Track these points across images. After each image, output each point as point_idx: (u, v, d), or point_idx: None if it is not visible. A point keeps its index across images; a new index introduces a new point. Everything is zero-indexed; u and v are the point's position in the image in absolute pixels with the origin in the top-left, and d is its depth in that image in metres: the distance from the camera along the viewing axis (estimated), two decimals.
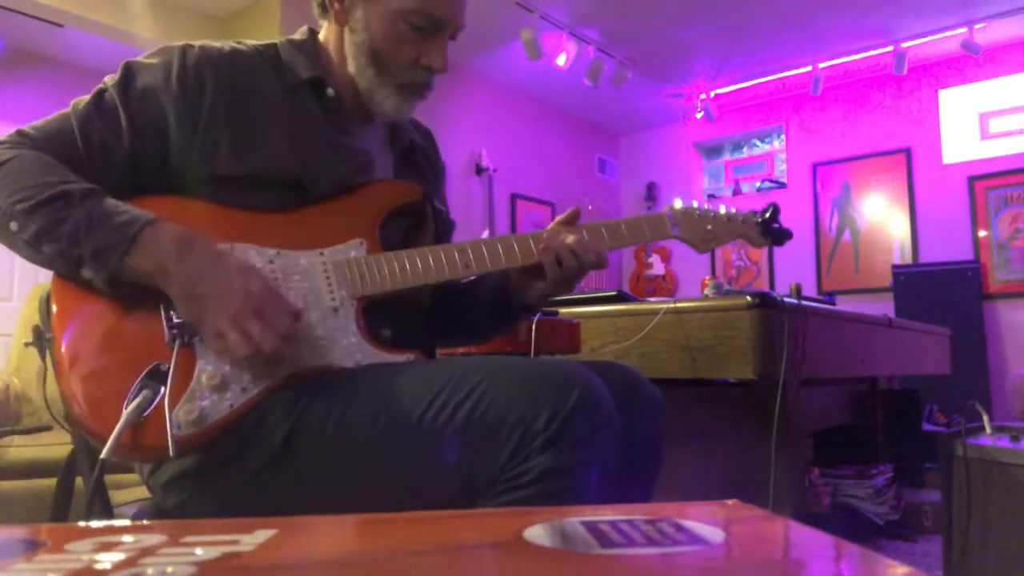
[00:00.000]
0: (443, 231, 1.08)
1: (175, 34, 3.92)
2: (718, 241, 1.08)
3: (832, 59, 4.83)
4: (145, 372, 0.78)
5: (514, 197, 5.22)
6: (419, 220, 1.03)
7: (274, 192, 0.90)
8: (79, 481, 1.39)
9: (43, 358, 0.83)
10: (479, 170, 4.94)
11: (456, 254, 0.93)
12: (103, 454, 0.74)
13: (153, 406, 0.76)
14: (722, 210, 1.10)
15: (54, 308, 0.81)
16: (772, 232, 1.10)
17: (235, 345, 0.78)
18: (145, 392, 0.76)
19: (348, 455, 0.79)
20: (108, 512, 0.91)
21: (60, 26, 3.73)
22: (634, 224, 1.04)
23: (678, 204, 1.07)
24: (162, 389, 0.77)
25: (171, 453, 0.76)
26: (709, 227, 1.08)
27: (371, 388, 0.81)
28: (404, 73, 0.97)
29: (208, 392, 0.79)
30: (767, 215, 1.10)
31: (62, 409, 0.80)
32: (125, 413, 0.75)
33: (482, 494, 0.74)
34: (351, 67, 0.99)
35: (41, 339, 0.83)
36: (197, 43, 0.94)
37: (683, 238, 1.06)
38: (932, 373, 2.76)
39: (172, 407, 0.77)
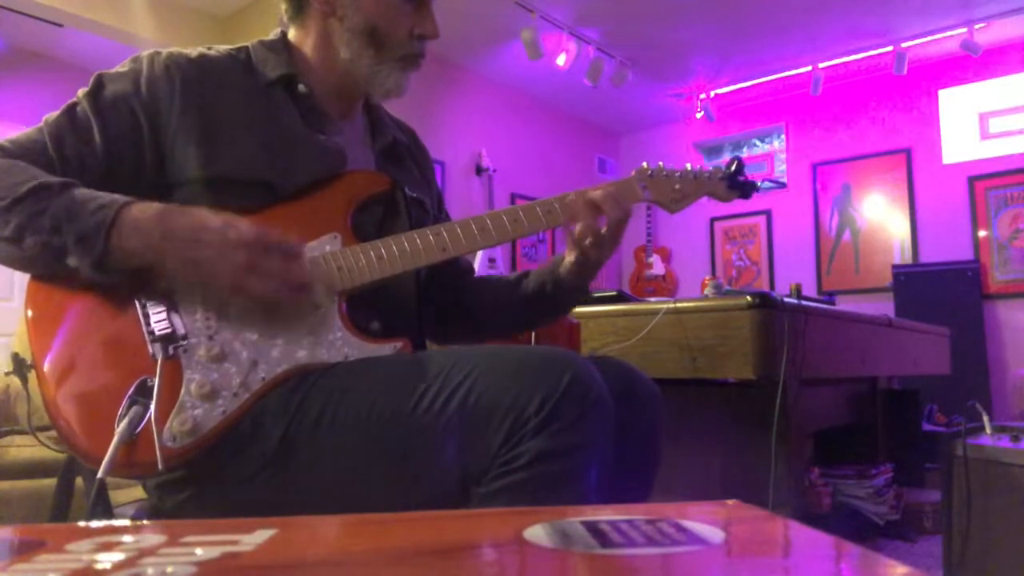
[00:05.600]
0: (420, 218, 1.07)
1: (175, 34, 3.92)
2: (687, 200, 1.08)
3: (832, 59, 4.82)
4: (132, 388, 0.77)
5: (514, 197, 5.23)
6: (391, 209, 1.03)
7: (244, 193, 0.90)
8: (79, 481, 1.39)
9: (24, 386, 0.83)
10: (479, 170, 4.94)
11: (432, 238, 0.93)
12: (100, 474, 0.74)
13: (145, 422, 0.76)
14: (688, 167, 1.09)
15: (31, 331, 0.81)
16: (738, 185, 1.10)
17: (262, 289, 0.79)
18: (135, 408, 0.76)
19: (344, 451, 0.79)
20: (108, 512, 0.91)
21: (60, 26, 3.73)
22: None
23: (645, 166, 1.07)
24: (151, 404, 0.77)
25: (160, 467, 0.75)
26: (677, 187, 1.07)
27: (363, 383, 0.81)
28: (402, 46, 0.99)
29: (199, 401, 0.78)
30: (732, 169, 1.10)
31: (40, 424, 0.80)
32: (118, 432, 0.74)
33: (477, 481, 0.74)
34: (345, 55, 0.99)
35: (21, 367, 0.83)
36: (165, 51, 0.95)
37: (653, 200, 1.06)
38: (932, 373, 2.76)
39: (163, 420, 0.76)
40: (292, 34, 1.04)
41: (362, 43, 0.98)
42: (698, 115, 5.51)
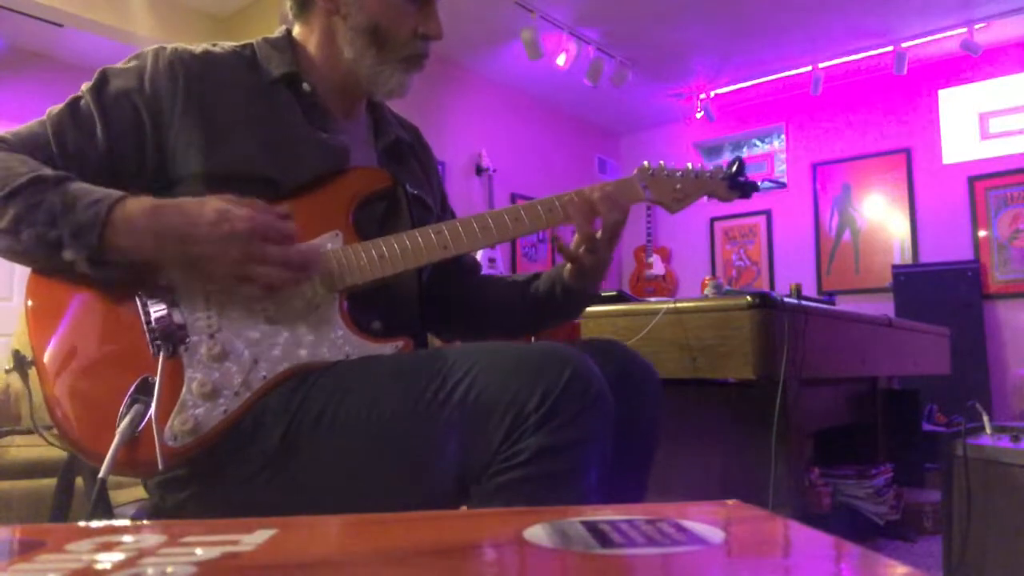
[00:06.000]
0: (422, 216, 1.06)
1: (175, 34, 3.92)
2: (688, 200, 1.07)
3: (832, 59, 4.82)
4: (134, 387, 0.77)
5: (514, 197, 5.22)
6: (393, 207, 1.02)
7: (245, 190, 0.89)
8: (79, 481, 1.39)
9: (25, 383, 0.83)
10: (479, 170, 4.94)
11: (433, 236, 0.93)
12: (102, 473, 0.74)
13: (146, 420, 0.76)
14: (689, 167, 1.09)
15: (31, 325, 0.81)
16: (739, 185, 1.09)
17: (262, 276, 0.80)
18: (137, 407, 0.76)
19: (345, 449, 0.79)
20: (108, 512, 0.91)
21: (60, 26, 3.73)
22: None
23: (646, 165, 1.06)
24: (152, 403, 0.77)
25: (160, 467, 0.75)
26: (678, 186, 1.06)
27: (364, 381, 0.81)
28: (405, 47, 0.99)
29: (200, 400, 0.78)
30: (733, 169, 1.09)
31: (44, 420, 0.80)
32: (119, 431, 0.74)
33: (477, 478, 0.74)
34: (348, 54, 0.99)
35: (22, 364, 0.83)
36: (170, 46, 0.95)
37: (654, 200, 1.06)
38: (932, 373, 2.76)
39: (164, 419, 0.76)
40: (297, 31, 1.04)
41: (365, 42, 0.98)
42: (698, 115, 5.51)
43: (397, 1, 0.97)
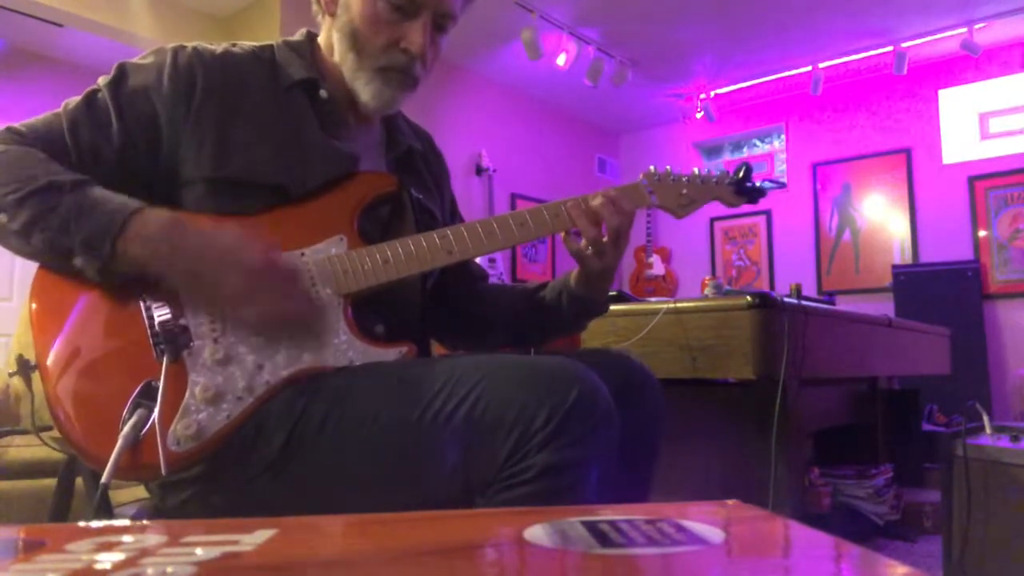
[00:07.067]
0: (427, 224, 1.04)
1: (175, 34, 3.92)
2: (694, 205, 1.07)
3: (832, 59, 4.82)
4: (137, 391, 0.77)
5: (514, 197, 5.22)
6: (398, 211, 1.02)
7: (255, 195, 0.89)
8: (79, 481, 1.39)
9: (28, 387, 0.83)
10: (479, 170, 4.94)
11: (438, 240, 0.92)
12: (104, 478, 0.74)
13: (149, 425, 0.76)
14: (696, 172, 1.08)
15: (35, 325, 0.81)
16: (746, 191, 1.09)
17: (259, 312, 0.80)
18: (140, 411, 0.76)
19: (347, 457, 0.79)
20: (108, 512, 0.91)
21: (60, 26, 3.73)
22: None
23: (652, 170, 1.06)
24: (155, 407, 0.76)
25: (163, 472, 0.75)
26: (684, 191, 1.06)
27: (368, 389, 0.81)
28: (381, 56, 0.95)
29: (203, 405, 0.78)
30: (740, 175, 1.09)
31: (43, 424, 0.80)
32: (122, 435, 0.74)
33: (481, 492, 0.74)
34: (337, 56, 0.98)
35: (26, 368, 0.83)
36: (190, 44, 0.94)
37: (660, 205, 1.05)
38: (932, 373, 2.76)
39: (167, 424, 0.76)
40: (320, 35, 1.04)
41: (345, 46, 0.96)
42: (698, 115, 5.51)
43: (381, 9, 0.94)
